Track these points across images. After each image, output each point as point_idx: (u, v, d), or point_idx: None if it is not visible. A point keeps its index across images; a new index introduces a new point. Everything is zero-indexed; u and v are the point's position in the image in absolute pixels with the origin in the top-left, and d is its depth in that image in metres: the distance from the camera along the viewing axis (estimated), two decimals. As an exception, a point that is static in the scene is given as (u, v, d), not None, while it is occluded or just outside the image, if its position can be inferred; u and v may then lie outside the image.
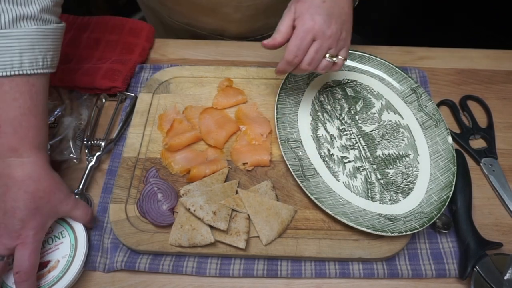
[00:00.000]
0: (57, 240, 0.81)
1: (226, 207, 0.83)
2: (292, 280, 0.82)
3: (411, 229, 0.80)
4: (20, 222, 0.72)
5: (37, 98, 0.77)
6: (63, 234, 0.82)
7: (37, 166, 0.75)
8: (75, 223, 0.83)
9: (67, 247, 0.80)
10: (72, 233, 0.82)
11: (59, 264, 0.78)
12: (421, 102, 0.99)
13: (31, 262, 0.73)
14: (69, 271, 0.78)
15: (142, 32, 1.18)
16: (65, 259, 0.79)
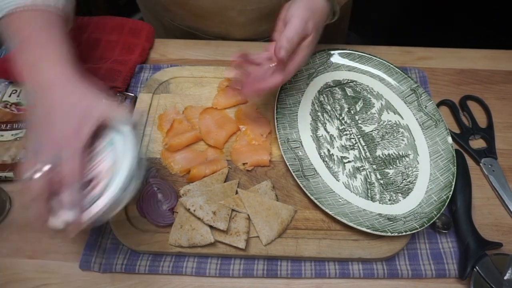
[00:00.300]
0: (107, 148, 0.75)
1: (226, 207, 0.83)
2: (292, 280, 0.82)
3: (411, 229, 0.80)
4: (58, 132, 0.69)
5: (55, 24, 0.77)
6: (112, 142, 0.75)
7: (63, 76, 0.73)
8: (124, 128, 0.76)
9: (116, 153, 0.74)
10: (121, 139, 0.75)
11: (109, 170, 0.72)
12: (421, 102, 0.99)
13: (77, 166, 0.69)
14: (118, 175, 0.71)
15: (142, 32, 1.18)
16: (114, 165, 0.73)
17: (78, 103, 0.71)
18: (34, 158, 0.68)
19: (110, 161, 0.72)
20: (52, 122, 0.69)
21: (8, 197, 0.91)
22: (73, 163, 0.68)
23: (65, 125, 0.69)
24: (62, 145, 0.68)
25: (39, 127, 0.70)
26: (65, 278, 0.82)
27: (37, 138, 0.70)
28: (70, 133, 0.69)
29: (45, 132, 0.69)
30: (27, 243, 0.86)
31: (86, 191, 0.70)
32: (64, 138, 0.69)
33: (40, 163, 0.67)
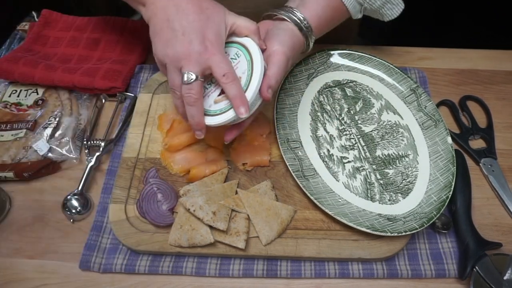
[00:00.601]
0: (234, 61, 0.80)
1: (225, 207, 0.83)
2: (291, 280, 0.82)
3: (410, 229, 0.80)
4: (201, 34, 0.73)
5: None
6: (238, 54, 0.81)
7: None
8: (246, 40, 0.81)
9: (244, 64, 0.79)
10: (245, 51, 0.80)
11: (241, 80, 0.78)
12: (420, 102, 0.99)
13: (229, 64, 0.75)
14: (251, 83, 0.77)
15: (142, 32, 1.18)
16: (244, 74, 0.78)
17: (211, 10, 0.76)
18: (178, 65, 0.75)
19: (242, 67, 0.79)
20: (194, 26, 0.74)
21: (8, 197, 0.91)
22: (227, 65, 0.74)
23: (205, 30, 0.74)
24: (206, 50, 0.74)
25: (178, 36, 0.74)
26: (64, 278, 0.82)
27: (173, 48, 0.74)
28: (213, 38, 0.74)
29: (186, 38, 0.73)
30: (27, 243, 0.86)
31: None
32: (205, 42, 0.74)
33: (191, 68, 0.73)
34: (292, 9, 0.86)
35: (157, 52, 0.77)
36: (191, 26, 0.73)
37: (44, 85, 1.07)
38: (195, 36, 0.73)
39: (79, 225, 0.89)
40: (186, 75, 0.73)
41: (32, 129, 0.98)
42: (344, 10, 0.90)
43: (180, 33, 0.73)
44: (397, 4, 0.93)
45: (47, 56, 1.12)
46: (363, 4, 0.91)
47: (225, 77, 0.73)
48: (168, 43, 0.74)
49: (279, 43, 0.81)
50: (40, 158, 0.94)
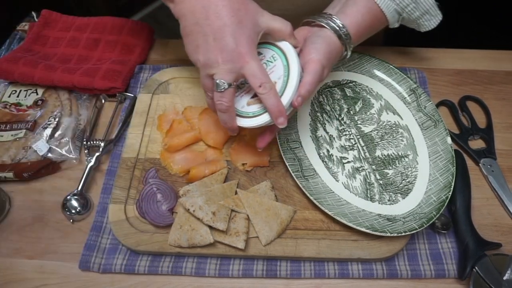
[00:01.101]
0: (270, 64, 0.80)
1: (225, 208, 0.83)
2: (291, 280, 0.82)
3: (410, 229, 0.80)
4: (233, 39, 0.71)
5: None
6: (274, 57, 0.80)
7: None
8: (283, 44, 0.80)
9: (280, 69, 0.78)
10: (282, 55, 0.79)
11: (277, 85, 0.77)
12: (420, 103, 0.99)
13: (265, 73, 0.74)
14: (286, 89, 0.76)
15: (141, 32, 1.19)
16: (280, 79, 0.77)
17: (244, 12, 0.73)
18: (210, 72, 0.74)
19: (278, 72, 0.78)
20: (225, 31, 0.71)
21: (7, 197, 0.91)
22: (262, 73, 0.73)
23: (237, 35, 0.72)
24: (240, 57, 0.72)
25: (209, 42, 0.73)
26: (64, 279, 0.82)
27: (205, 54, 0.73)
28: (245, 44, 0.72)
29: (217, 44, 0.72)
30: (26, 243, 0.86)
31: None
32: (238, 48, 0.72)
33: (224, 77, 0.73)
34: (331, 16, 0.84)
35: (189, 53, 0.77)
36: (222, 31, 0.71)
37: (44, 85, 1.07)
38: (226, 43, 0.71)
39: (79, 225, 0.89)
40: (219, 83, 0.73)
41: (31, 129, 0.98)
42: (383, 19, 0.89)
43: (211, 38, 0.72)
44: (436, 15, 0.91)
45: (46, 56, 1.12)
46: (402, 14, 0.89)
47: (261, 87, 0.73)
48: (199, 49, 0.74)
49: (316, 51, 0.80)
50: (40, 159, 0.94)
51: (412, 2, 0.87)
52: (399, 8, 0.87)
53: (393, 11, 0.87)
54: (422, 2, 0.87)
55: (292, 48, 0.79)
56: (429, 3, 0.88)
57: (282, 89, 0.76)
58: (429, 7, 0.89)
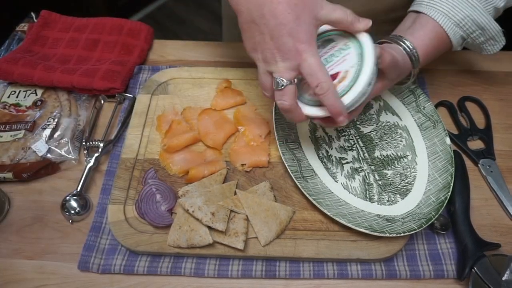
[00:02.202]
0: (343, 52, 0.78)
1: (224, 208, 0.83)
2: (290, 281, 0.82)
3: (409, 230, 0.80)
4: (290, 38, 0.70)
5: None
6: (348, 45, 0.78)
7: None
8: (360, 33, 0.77)
9: (354, 57, 0.76)
10: (357, 43, 0.77)
11: (348, 74, 0.75)
12: (419, 103, 0.99)
13: (324, 71, 0.71)
14: (359, 78, 0.74)
15: (140, 33, 1.19)
16: (353, 68, 0.75)
17: (301, 6, 0.71)
18: (269, 70, 0.74)
19: (351, 60, 0.76)
20: (282, 30, 0.70)
21: (7, 197, 0.91)
22: (320, 71, 0.71)
23: (294, 33, 0.70)
24: (298, 54, 0.71)
25: (266, 41, 0.72)
26: (63, 279, 0.82)
27: (263, 52, 0.73)
28: (304, 39, 0.70)
29: (274, 43, 0.71)
30: (25, 244, 0.86)
31: (335, 83, 0.76)
32: (295, 46, 0.70)
33: (282, 75, 0.72)
34: (401, 38, 0.84)
35: (247, 50, 0.77)
36: (279, 30, 0.70)
37: (43, 86, 1.07)
38: (284, 41, 0.70)
39: (78, 225, 0.89)
40: (278, 81, 0.72)
41: (31, 130, 0.98)
42: (448, 43, 0.88)
43: (268, 37, 0.71)
44: (500, 41, 0.91)
45: (46, 57, 1.12)
46: (467, 39, 0.89)
47: (318, 88, 0.71)
48: (257, 46, 0.73)
49: (393, 66, 0.79)
50: (39, 159, 0.94)
51: (478, 29, 0.86)
52: (465, 34, 0.87)
53: (459, 37, 0.87)
54: (488, 29, 0.87)
55: (368, 37, 0.76)
56: (495, 30, 0.87)
57: (354, 78, 0.74)
58: (495, 34, 0.88)
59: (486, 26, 0.86)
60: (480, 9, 0.84)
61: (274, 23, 0.70)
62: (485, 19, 0.85)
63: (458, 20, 0.85)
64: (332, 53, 0.79)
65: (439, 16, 0.84)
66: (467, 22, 0.85)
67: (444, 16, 0.84)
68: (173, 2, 3.29)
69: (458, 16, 0.84)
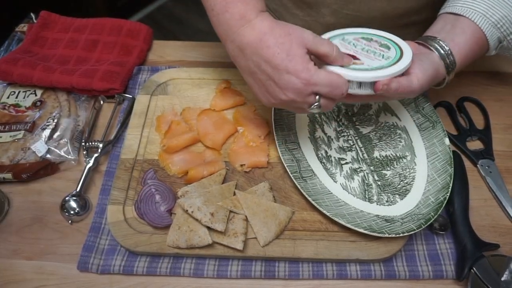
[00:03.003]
0: (385, 48, 0.80)
1: (223, 209, 0.83)
2: (289, 281, 0.82)
3: (408, 230, 0.80)
4: (289, 74, 0.72)
5: None
6: (388, 45, 0.80)
7: (264, 21, 0.75)
8: (400, 41, 0.81)
9: (393, 53, 0.78)
10: (398, 48, 0.80)
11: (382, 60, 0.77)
12: (418, 104, 0.99)
13: (335, 76, 0.74)
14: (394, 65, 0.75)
15: (140, 33, 1.19)
16: (389, 59, 0.77)
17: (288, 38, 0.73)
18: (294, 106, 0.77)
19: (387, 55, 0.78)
20: (278, 66, 0.72)
21: (6, 198, 0.91)
22: (331, 78, 0.73)
23: (290, 66, 0.72)
24: (304, 83, 0.72)
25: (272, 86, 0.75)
26: (63, 279, 0.82)
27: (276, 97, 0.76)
28: (299, 67, 0.72)
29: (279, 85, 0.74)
30: (25, 244, 0.86)
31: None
32: (298, 77, 0.72)
33: (306, 102, 0.75)
34: (440, 42, 0.83)
35: (264, 101, 0.80)
36: (277, 71, 0.73)
37: (43, 87, 1.07)
38: (286, 80, 0.73)
39: (78, 226, 0.89)
40: (312, 110, 0.76)
41: (30, 130, 0.98)
42: (485, 46, 0.87)
43: (273, 83, 0.74)
44: None
45: (45, 57, 1.12)
46: (503, 42, 0.87)
47: (344, 95, 0.75)
48: (270, 94, 0.77)
49: (422, 70, 0.78)
50: (39, 160, 0.94)
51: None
52: (502, 36, 0.85)
53: (496, 39, 0.85)
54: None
55: (408, 46, 0.80)
56: None
57: (390, 63, 0.76)
58: None
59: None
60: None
61: (271, 68, 0.73)
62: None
63: (496, 21, 0.83)
64: (372, 49, 0.81)
65: (477, 17, 0.83)
66: (505, 23, 0.83)
67: (481, 17, 0.83)
68: (172, 2, 3.29)
69: (496, 16, 0.82)
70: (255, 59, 0.75)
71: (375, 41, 0.81)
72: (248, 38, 0.75)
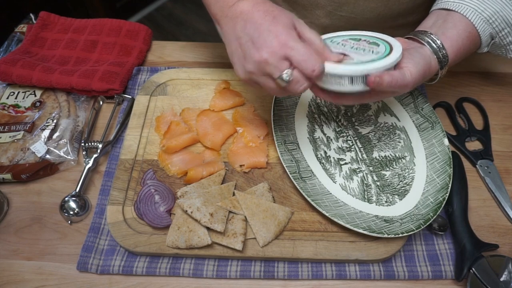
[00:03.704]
0: (374, 46, 0.78)
1: (223, 209, 0.83)
2: (288, 281, 0.82)
3: (407, 230, 0.80)
4: (269, 33, 0.71)
5: None
6: (377, 43, 0.79)
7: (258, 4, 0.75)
8: (390, 39, 0.79)
9: (382, 49, 0.76)
10: (387, 45, 0.78)
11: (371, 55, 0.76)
12: (417, 104, 0.99)
13: (314, 54, 0.72)
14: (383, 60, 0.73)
15: (139, 34, 1.19)
16: (378, 54, 0.75)
17: (278, 12, 0.74)
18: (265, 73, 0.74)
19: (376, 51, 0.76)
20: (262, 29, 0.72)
21: (5, 198, 0.92)
22: (310, 53, 0.71)
23: (272, 27, 0.72)
24: (281, 44, 0.71)
25: (249, 47, 0.73)
26: (62, 280, 0.82)
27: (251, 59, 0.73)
28: (281, 30, 0.72)
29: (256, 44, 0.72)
30: (24, 244, 0.86)
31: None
32: (277, 38, 0.71)
33: (279, 67, 0.72)
34: (432, 36, 0.82)
35: (239, 72, 0.78)
36: (257, 30, 0.72)
37: (42, 87, 1.07)
38: (264, 38, 0.71)
39: (77, 226, 0.89)
40: (283, 78, 0.72)
41: (30, 131, 0.98)
42: (477, 43, 0.86)
43: (250, 43, 0.73)
44: None
45: (45, 58, 1.12)
46: (495, 38, 0.87)
47: (315, 72, 0.71)
48: (245, 58, 0.74)
49: (414, 65, 0.77)
50: (38, 160, 0.94)
51: (507, 26, 0.84)
52: (494, 32, 0.85)
53: (488, 35, 0.85)
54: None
55: (399, 42, 0.78)
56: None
57: (380, 57, 0.74)
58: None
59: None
60: (510, 6, 0.83)
61: (254, 28, 0.73)
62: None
63: (487, 16, 0.83)
64: (361, 47, 0.79)
65: (469, 12, 0.82)
66: (497, 19, 0.83)
67: (473, 12, 0.82)
68: (171, 3, 3.29)
69: (488, 11, 0.82)
70: (242, 23, 0.74)
71: (363, 41, 0.81)
72: (242, 7, 0.75)
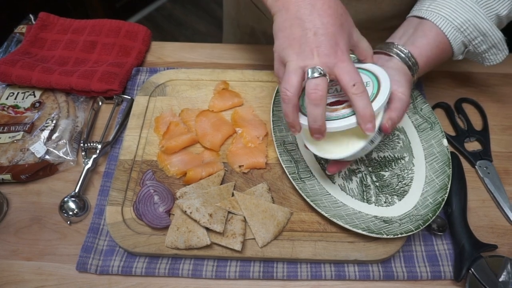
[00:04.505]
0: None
1: (222, 209, 0.83)
2: (288, 282, 0.82)
3: (406, 231, 0.80)
4: (333, 37, 0.70)
5: None
6: (368, 84, 0.76)
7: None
8: (373, 67, 0.78)
9: (370, 88, 0.75)
10: (373, 76, 0.76)
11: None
12: (416, 105, 0.99)
13: (359, 75, 0.71)
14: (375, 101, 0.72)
15: (138, 35, 1.19)
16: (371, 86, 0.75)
17: (345, 17, 0.73)
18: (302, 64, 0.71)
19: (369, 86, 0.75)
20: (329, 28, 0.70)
21: (5, 199, 0.92)
22: (357, 74, 0.70)
23: (338, 36, 0.71)
24: (336, 55, 0.70)
25: (308, 36, 0.71)
26: (61, 280, 0.82)
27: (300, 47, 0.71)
28: (343, 47, 0.71)
29: (316, 39, 0.70)
30: (24, 245, 0.86)
31: None
32: (337, 46, 0.70)
33: (318, 66, 0.70)
34: (398, 46, 0.83)
35: (279, 48, 0.74)
36: (325, 28, 0.70)
37: (41, 88, 1.07)
38: (327, 39, 0.70)
39: (76, 227, 0.89)
40: (312, 70, 0.69)
41: (29, 131, 0.98)
42: (449, 51, 0.87)
43: (311, 33, 0.70)
44: (502, 50, 0.89)
45: (44, 58, 1.13)
46: (468, 46, 0.88)
47: (355, 87, 0.69)
48: (294, 42, 0.71)
49: (399, 85, 0.78)
50: (37, 161, 0.94)
51: (480, 35, 0.85)
52: (467, 40, 0.86)
53: (460, 43, 0.86)
54: (490, 36, 0.85)
55: (384, 71, 0.76)
56: (497, 37, 0.86)
57: (373, 94, 0.74)
58: (497, 41, 0.87)
59: (487, 32, 0.85)
60: (482, 15, 0.83)
61: (321, 22, 0.70)
62: (487, 25, 0.84)
63: (458, 24, 0.83)
64: None
65: (440, 21, 0.83)
66: (468, 27, 0.84)
67: (444, 20, 0.83)
68: (170, 4, 3.29)
69: (459, 20, 0.83)
70: (311, 7, 0.72)
71: None
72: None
